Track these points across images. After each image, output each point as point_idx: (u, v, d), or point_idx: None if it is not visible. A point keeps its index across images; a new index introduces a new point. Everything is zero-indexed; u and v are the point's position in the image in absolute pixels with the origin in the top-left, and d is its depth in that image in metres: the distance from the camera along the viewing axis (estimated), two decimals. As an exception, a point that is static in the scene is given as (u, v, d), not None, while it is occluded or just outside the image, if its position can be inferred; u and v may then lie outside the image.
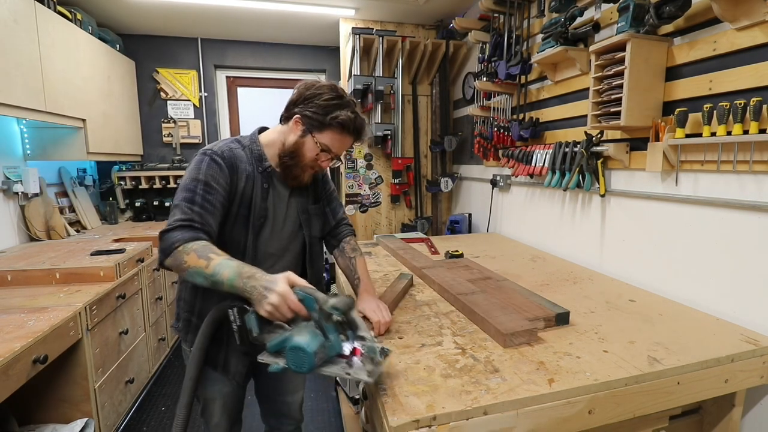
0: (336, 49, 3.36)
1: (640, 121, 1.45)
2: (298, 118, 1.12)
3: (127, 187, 3.38)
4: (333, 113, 1.09)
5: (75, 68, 2.51)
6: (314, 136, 1.11)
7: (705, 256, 1.36)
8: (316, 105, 1.10)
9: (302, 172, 1.16)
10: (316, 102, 1.10)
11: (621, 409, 0.93)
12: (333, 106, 1.10)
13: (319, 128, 1.11)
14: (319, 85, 1.12)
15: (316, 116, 1.10)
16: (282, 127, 1.18)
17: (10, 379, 1.23)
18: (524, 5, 2.21)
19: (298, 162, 1.14)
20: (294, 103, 1.14)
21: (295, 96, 1.14)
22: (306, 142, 1.12)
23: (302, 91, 1.13)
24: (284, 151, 1.14)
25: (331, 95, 1.11)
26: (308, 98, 1.11)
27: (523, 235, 2.43)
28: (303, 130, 1.12)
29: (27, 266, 1.90)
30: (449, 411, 0.81)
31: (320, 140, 1.11)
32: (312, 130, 1.11)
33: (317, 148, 1.12)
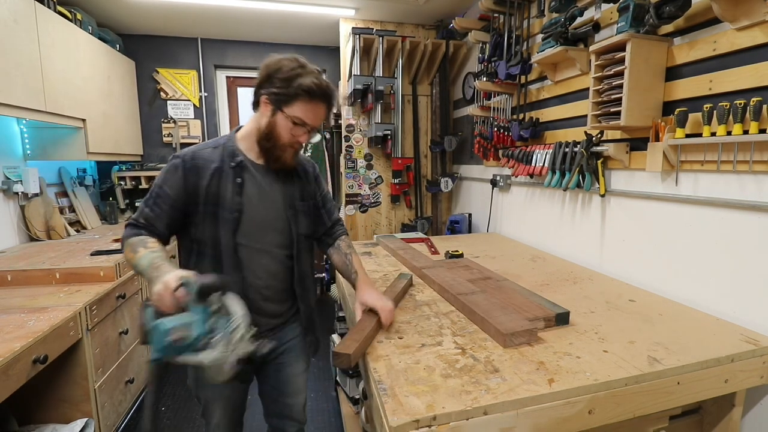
0: (336, 49, 3.36)
1: (640, 121, 1.45)
2: (265, 98, 1.10)
3: (127, 187, 3.38)
4: (296, 82, 1.06)
5: (75, 68, 2.51)
6: (284, 111, 1.09)
7: (705, 256, 1.36)
8: (279, 79, 1.07)
9: (282, 152, 1.14)
10: (278, 77, 1.07)
11: (621, 409, 0.93)
12: (295, 76, 1.07)
13: (286, 102, 1.08)
14: (278, 59, 1.10)
15: (281, 90, 1.07)
16: (254, 115, 1.17)
17: (10, 379, 1.23)
18: (524, 5, 2.21)
19: (275, 143, 1.12)
20: (259, 86, 1.12)
21: (259, 78, 1.12)
22: (278, 120, 1.10)
23: (263, 71, 1.10)
24: (260, 136, 1.13)
25: (292, 65, 1.08)
26: (270, 75, 1.09)
27: (523, 235, 2.43)
28: (272, 109, 1.10)
29: (27, 266, 1.90)
30: (449, 411, 0.81)
31: (290, 113, 1.09)
32: (280, 105, 1.09)
33: (289, 122, 1.10)
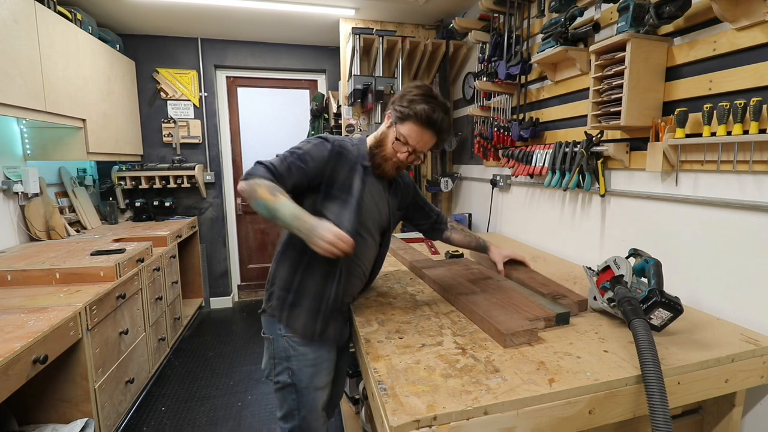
0: (336, 49, 3.36)
1: (640, 121, 1.45)
2: (389, 112, 1.24)
3: (127, 187, 3.38)
4: (414, 106, 1.17)
5: (75, 68, 2.51)
6: (396, 127, 1.21)
7: (705, 256, 1.36)
8: (405, 99, 1.20)
9: (383, 161, 1.25)
10: (406, 97, 1.20)
11: (621, 409, 0.93)
12: (417, 101, 1.18)
13: (401, 119, 1.20)
14: (413, 85, 1.22)
15: (401, 108, 1.20)
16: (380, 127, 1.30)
17: (10, 379, 1.23)
18: (524, 5, 2.21)
19: (380, 151, 1.25)
20: (392, 102, 1.25)
21: (395, 96, 1.25)
22: (389, 133, 1.24)
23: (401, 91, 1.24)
24: (374, 141, 1.28)
25: (419, 91, 1.20)
26: (402, 95, 1.22)
27: (523, 235, 2.43)
28: (390, 122, 1.24)
29: (27, 266, 1.90)
30: (450, 411, 0.81)
31: (400, 131, 1.21)
32: (397, 121, 1.22)
33: (395, 137, 1.21)
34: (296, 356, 1.27)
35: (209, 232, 3.86)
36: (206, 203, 3.81)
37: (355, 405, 2.04)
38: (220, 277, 3.96)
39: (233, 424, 2.23)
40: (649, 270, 1.17)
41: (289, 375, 1.28)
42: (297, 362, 1.27)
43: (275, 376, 1.30)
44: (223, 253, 3.94)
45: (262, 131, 4.04)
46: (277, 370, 1.29)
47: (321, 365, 1.30)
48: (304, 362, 1.27)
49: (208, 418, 2.27)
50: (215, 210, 3.85)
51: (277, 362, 1.29)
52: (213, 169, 3.78)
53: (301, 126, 3.95)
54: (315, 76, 4.04)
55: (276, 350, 1.29)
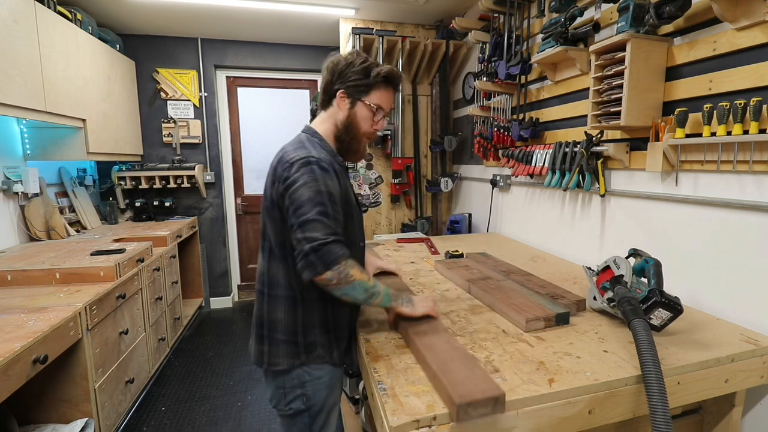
0: (336, 49, 3.36)
1: (640, 121, 1.45)
2: (341, 92, 1.13)
3: (127, 187, 3.38)
4: (373, 71, 1.12)
5: (75, 68, 2.51)
6: (363, 101, 1.13)
7: (705, 256, 1.36)
8: (354, 72, 1.12)
9: (359, 144, 1.18)
10: (352, 70, 1.12)
11: (621, 409, 0.93)
12: (370, 66, 1.12)
13: (365, 91, 1.13)
14: (344, 57, 1.15)
15: (359, 82, 1.12)
16: (327, 113, 1.18)
17: (10, 379, 1.23)
18: (524, 5, 2.21)
19: (355, 135, 1.16)
20: (331, 83, 1.15)
21: (329, 77, 1.15)
22: (357, 111, 1.14)
23: (333, 69, 1.14)
24: (339, 131, 1.16)
25: (362, 58, 1.14)
26: (342, 71, 1.13)
27: (523, 235, 2.43)
28: (350, 101, 1.14)
29: (27, 266, 1.90)
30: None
31: (370, 101, 1.14)
32: (359, 96, 1.13)
33: (371, 110, 1.14)
34: (311, 381, 1.14)
35: (209, 232, 3.86)
36: (206, 203, 3.81)
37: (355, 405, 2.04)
38: (220, 277, 3.96)
39: (233, 424, 2.23)
40: (648, 270, 1.17)
41: (303, 401, 1.14)
42: (312, 387, 1.14)
43: (286, 405, 1.15)
44: (223, 253, 3.94)
45: (262, 131, 4.03)
46: (289, 399, 1.15)
47: (335, 383, 1.20)
48: (319, 385, 1.15)
49: (208, 418, 2.27)
50: (215, 210, 3.85)
51: (287, 391, 1.15)
52: (213, 169, 3.78)
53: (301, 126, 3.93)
54: (315, 76, 4.04)
55: (287, 381, 1.14)
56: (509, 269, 1.66)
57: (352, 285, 1.00)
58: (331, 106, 1.17)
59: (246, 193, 4.07)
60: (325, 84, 1.17)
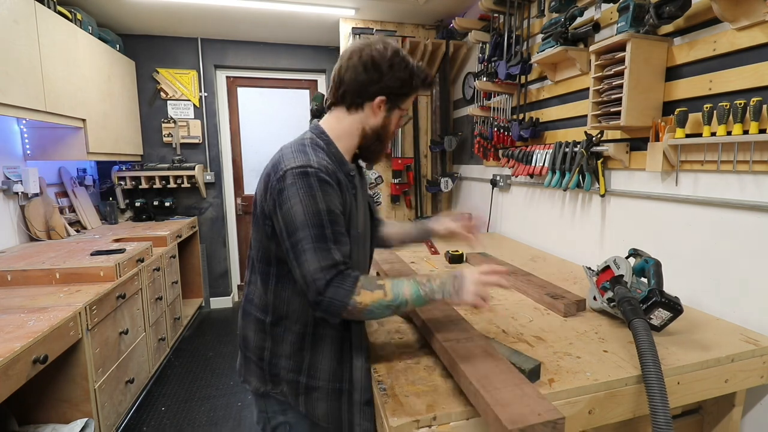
0: (336, 49, 3.36)
1: (640, 121, 1.45)
2: (382, 99, 0.99)
3: (127, 187, 3.38)
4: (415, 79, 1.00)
5: (75, 68, 2.51)
6: (400, 107, 1.04)
7: (705, 256, 1.36)
8: (398, 78, 0.98)
9: (384, 146, 1.08)
10: (396, 75, 0.98)
11: (621, 409, 0.93)
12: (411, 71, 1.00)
13: (405, 98, 1.03)
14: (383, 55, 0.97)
15: (401, 90, 1.00)
16: (350, 115, 1.01)
17: (10, 379, 1.23)
18: (524, 5, 2.21)
19: (384, 140, 1.06)
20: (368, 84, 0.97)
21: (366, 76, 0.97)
22: (392, 117, 1.04)
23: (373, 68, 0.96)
24: (369, 137, 1.03)
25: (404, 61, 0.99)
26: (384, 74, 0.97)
27: (523, 235, 2.43)
28: (388, 108, 1.01)
29: (27, 266, 1.90)
30: (449, 411, 0.81)
31: (405, 107, 1.05)
32: (398, 103, 1.03)
33: (402, 114, 1.06)
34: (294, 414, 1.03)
35: (209, 232, 3.86)
36: (206, 203, 3.81)
37: (355, 405, 2.04)
38: (220, 277, 3.96)
39: (233, 424, 2.23)
40: (648, 270, 1.17)
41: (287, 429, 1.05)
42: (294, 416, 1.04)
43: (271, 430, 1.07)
44: (223, 253, 3.94)
45: (262, 131, 4.03)
46: (273, 425, 1.06)
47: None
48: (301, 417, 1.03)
49: (208, 418, 2.27)
50: (215, 210, 3.85)
51: (270, 416, 1.06)
52: (213, 169, 3.78)
53: (301, 126, 3.94)
54: (315, 76, 4.04)
55: (268, 404, 1.05)
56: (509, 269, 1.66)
57: (371, 312, 0.88)
58: (360, 108, 1.00)
59: (246, 193, 4.07)
60: (362, 82, 0.97)
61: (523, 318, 1.26)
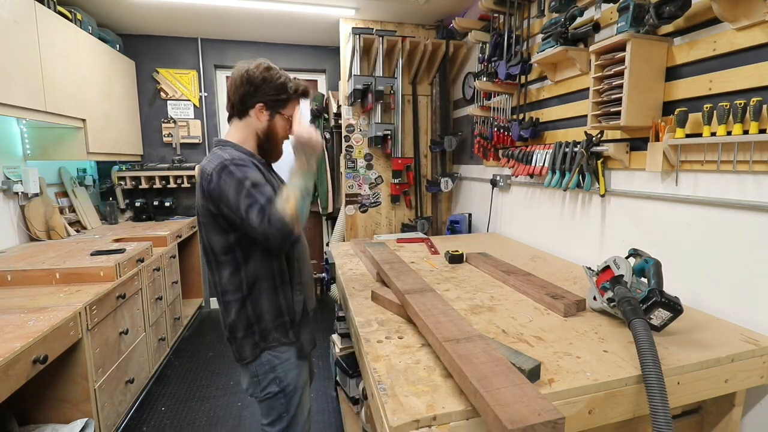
0: (336, 49, 3.36)
1: (640, 121, 1.45)
2: (261, 105, 1.24)
3: (127, 187, 3.38)
4: (289, 87, 1.25)
5: (75, 68, 2.51)
6: (281, 113, 1.27)
7: (705, 256, 1.36)
8: (272, 87, 1.23)
9: (278, 147, 1.32)
10: (270, 85, 1.22)
11: (621, 409, 0.93)
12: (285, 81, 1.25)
13: (283, 105, 1.26)
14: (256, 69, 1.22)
15: (277, 96, 1.24)
16: (242, 122, 1.27)
17: (10, 379, 1.23)
18: (524, 5, 2.21)
19: (275, 141, 1.29)
20: (248, 95, 1.23)
21: (244, 89, 1.23)
22: (276, 122, 1.27)
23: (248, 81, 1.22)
24: (261, 139, 1.28)
25: (277, 73, 1.24)
26: (259, 86, 1.22)
27: (523, 235, 2.43)
28: (269, 114, 1.26)
29: (27, 266, 1.90)
30: (449, 411, 0.81)
31: (287, 113, 1.27)
32: (278, 109, 1.26)
33: (287, 120, 1.28)
34: (281, 363, 1.26)
35: (209, 232, 3.85)
36: (206, 203, 3.80)
37: (355, 405, 2.04)
38: (220, 277, 3.96)
39: (233, 424, 2.23)
40: (648, 270, 1.17)
41: (277, 384, 1.26)
42: (283, 369, 1.26)
43: (262, 392, 1.27)
44: (223, 253, 3.93)
45: (262, 131, 4.03)
46: (263, 384, 1.27)
47: (302, 363, 1.33)
48: (289, 366, 1.27)
49: (208, 418, 2.27)
50: (215, 210, 3.84)
51: (261, 378, 1.26)
52: (213, 169, 3.78)
53: (301, 126, 3.94)
54: (315, 76, 4.04)
55: (258, 367, 1.25)
56: (509, 269, 1.66)
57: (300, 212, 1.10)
58: (247, 116, 1.26)
59: (246, 193, 4.06)
60: (241, 95, 1.23)
61: (523, 318, 1.26)
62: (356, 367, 2.03)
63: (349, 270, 1.83)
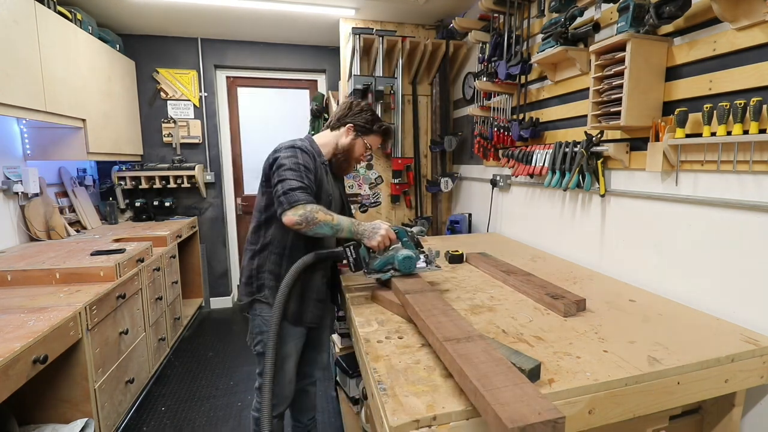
0: (336, 49, 3.36)
1: (640, 121, 1.45)
2: (351, 126, 1.56)
3: (127, 187, 3.38)
4: (377, 124, 1.59)
5: (75, 68, 2.51)
6: (363, 138, 1.58)
7: (705, 256, 1.36)
8: (365, 118, 1.57)
9: (350, 165, 1.61)
10: (363, 116, 1.57)
11: (621, 409, 0.93)
12: (376, 119, 1.60)
13: (366, 133, 1.58)
14: (362, 104, 1.59)
15: (366, 124, 1.57)
16: (333, 133, 1.59)
17: (10, 379, 1.23)
18: (524, 5, 2.21)
19: (349, 157, 1.58)
20: (345, 116, 1.57)
21: (345, 110, 1.58)
22: (357, 143, 1.57)
23: (350, 107, 1.58)
24: (338, 150, 1.57)
25: (372, 112, 1.59)
26: (356, 113, 1.57)
27: (523, 235, 2.43)
28: (355, 134, 1.56)
29: (27, 266, 1.90)
30: (449, 411, 0.81)
31: (367, 141, 1.59)
32: (362, 134, 1.57)
33: (365, 146, 1.59)
34: (267, 331, 1.46)
35: (209, 232, 3.86)
36: (206, 203, 3.81)
37: (355, 405, 2.04)
38: (220, 277, 3.97)
39: (233, 424, 2.23)
40: None
41: (262, 345, 1.51)
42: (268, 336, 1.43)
43: (254, 346, 1.55)
44: (223, 253, 3.94)
45: (262, 131, 4.03)
46: (255, 341, 1.55)
47: (287, 337, 1.50)
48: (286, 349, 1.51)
49: (208, 418, 2.27)
50: (215, 210, 3.85)
51: (254, 335, 1.54)
52: (213, 169, 3.79)
53: (301, 126, 3.95)
54: (315, 76, 4.04)
55: (253, 326, 1.54)
56: (509, 269, 1.66)
57: (319, 225, 1.31)
58: (338, 130, 1.58)
59: (246, 193, 4.07)
60: (340, 114, 1.58)
61: (523, 318, 1.26)
62: (356, 367, 2.03)
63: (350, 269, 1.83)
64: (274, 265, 1.48)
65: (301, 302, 1.51)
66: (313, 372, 1.81)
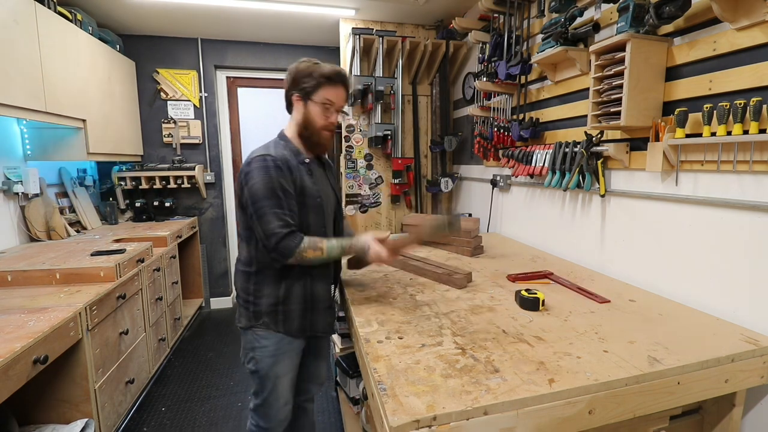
0: (336, 49, 3.36)
1: (640, 121, 1.45)
2: (296, 96, 1.34)
3: (128, 187, 3.38)
4: (316, 73, 1.30)
5: (75, 69, 2.51)
6: (312, 99, 1.32)
7: (705, 256, 1.36)
8: (302, 76, 1.31)
9: (320, 137, 1.37)
10: (301, 76, 1.32)
11: (621, 409, 0.93)
12: (313, 69, 1.31)
13: (312, 91, 1.31)
14: (296, 64, 1.34)
15: (307, 83, 1.31)
16: (291, 117, 1.40)
17: (10, 380, 1.23)
18: (524, 5, 2.21)
19: (312, 129, 1.35)
20: (289, 90, 1.36)
21: (287, 84, 1.36)
22: (310, 109, 1.33)
23: (288, 78, 1.35)
24: (299, 128, 1.36)
25: (308, 63, 1.33)
26: (295, 78, 1.33)
27: (523, 235, 2.43)
28: (303, 102, 1.33)
29: (27, 266, 1.90)
30: (449, 411, 0.81)
31: (318, 99, 1.32)
32: (309, 96, 1.32)
33: (319, 107, 1.32)
34: (259, 348, 1.38)
35: (209, 232, 3.86)
36: (206, 203, 3.81)
37: (355, 405, 2.04)
38: (220, 278, 3.97)
39: (233, 424, 2.23)
40: None
41: (254, 364, 1.41)
42: (260, 353, 1.39)
43: (246, 363, 1.45)
44: (223, 253, 3.94)
45: (262, 131, 4.02)
46: (247, 358, 1.44)
47: (282, 355, 1.40)
48: (264, 353, 1.39)
49: (208, 419, 2.27)
50: (215, 210, 3.85)
51: (246, 351, 1.43)
52: (213, 169, 3.79)
53: (301, 126, 3.95)
54: (315, 76, 4.04)
55: (245, 342, 1.43)
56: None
57: (310, 262, 1.27)
58: (291, 109, 1.39)
59: (246, 194, 4.06)
60: (285, 92, 1.37)
61: (523, 318, 1.26)
62: (356, 367, 2.03)
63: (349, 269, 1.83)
64: (273, 288, 1.35)
65: (312, 313, 1.40)
66: (312, 387, 1.66)
